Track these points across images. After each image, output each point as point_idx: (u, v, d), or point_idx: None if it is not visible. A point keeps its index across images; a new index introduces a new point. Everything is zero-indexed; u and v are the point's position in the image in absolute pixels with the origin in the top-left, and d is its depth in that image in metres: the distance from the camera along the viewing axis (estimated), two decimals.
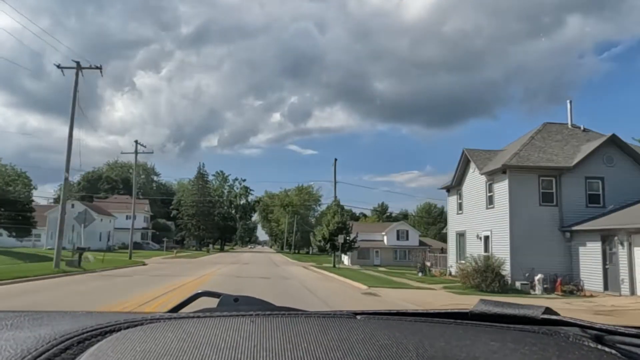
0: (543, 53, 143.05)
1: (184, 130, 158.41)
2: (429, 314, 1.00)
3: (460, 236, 26.68)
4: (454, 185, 27.33)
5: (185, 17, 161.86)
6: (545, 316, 0.89)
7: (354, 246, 40.61)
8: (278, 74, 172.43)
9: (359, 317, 0.95)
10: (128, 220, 67.95)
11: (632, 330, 0.79)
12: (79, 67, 22.18)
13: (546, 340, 0.77)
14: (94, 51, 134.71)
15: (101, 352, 0.67)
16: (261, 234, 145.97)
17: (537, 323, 0.89)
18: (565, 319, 0.89)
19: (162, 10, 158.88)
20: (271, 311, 0.96)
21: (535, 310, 0.90)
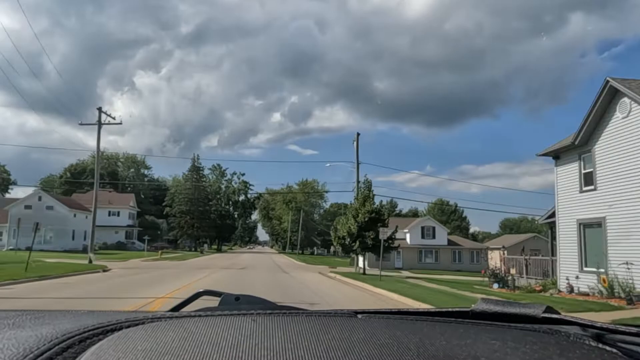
0: (544, 52, 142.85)
1: (184, 130, 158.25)
2: (430, 312, 1.01)
3: (587, 228, 16.97)
4: (578, 145, 16.96)
5: (185, 16, 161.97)
6: (546, 315, 0.89)
7: (392, 245, 28.47)
8: (278, 74, 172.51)
9: (359, 316, 0.96)
10: (111, 217, 62.71)
11: (633, 329, 0.79)
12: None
13: (547, 339, 0.77)
14: (94, 50, 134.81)
15: (102, 351, 0.67)
16: (261, 233, 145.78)
17: (538, 322, 0.89)
18: (566, 317, 0.89)
19: (162, 10, 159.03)
20: (272, 310, 0.97)
21: (536, 309, 0.90)
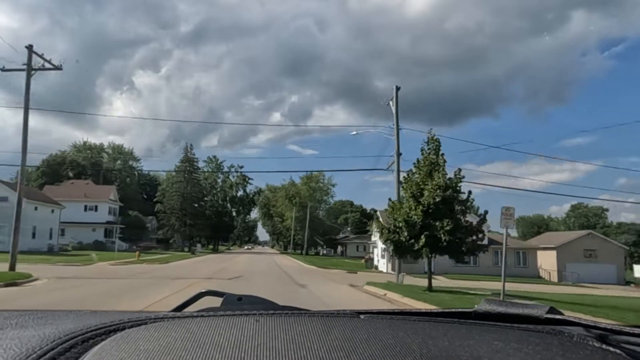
0: (545, 51, 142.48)
1: (184, 130, 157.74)
2: (433, 313, 1.00)
3: None
4: None
5: (184, 16, 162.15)
6: (549, 316, 0.89)
7: (481, 243, 17.96)
8: (278, 73, 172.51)
9: (362, 317, 0.95)
10: (88, 212, 53.72)
11: (637, 330, 0.79)
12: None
13: (550, 339, 0.76)
14: (93, 50, 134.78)
15: (105, 351, 0.67)
16: (261, 233, 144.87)
17: (541, 322, 0.89)
18: (569, 318, 0.89)
19: (161, 9, 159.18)
20: (275, 310, 0.97)
21: (539, 310, 0.90)
